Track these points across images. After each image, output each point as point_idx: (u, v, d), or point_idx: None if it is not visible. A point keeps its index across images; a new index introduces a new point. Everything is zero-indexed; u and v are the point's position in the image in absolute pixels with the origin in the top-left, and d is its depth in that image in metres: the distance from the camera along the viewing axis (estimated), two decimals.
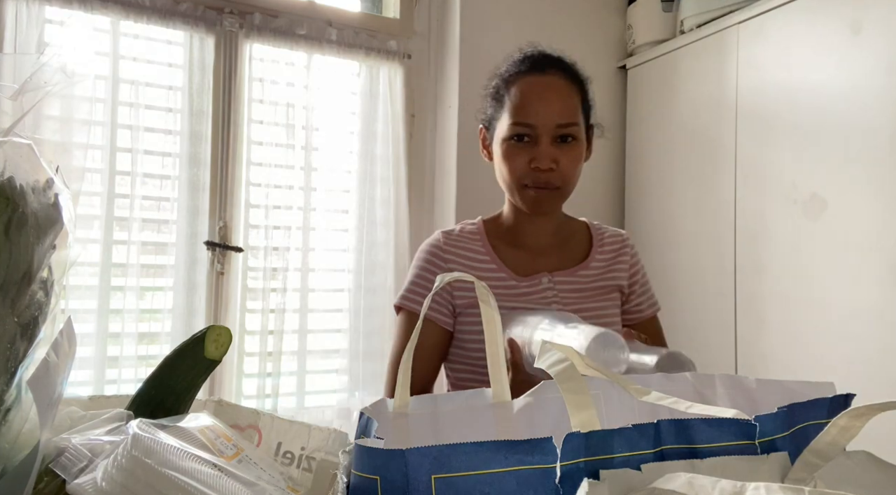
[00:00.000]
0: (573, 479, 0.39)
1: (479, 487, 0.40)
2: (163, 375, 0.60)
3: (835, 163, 1.71)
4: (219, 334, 0.60)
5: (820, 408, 0.48)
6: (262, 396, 2.04)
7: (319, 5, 2.18)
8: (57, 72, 0.51)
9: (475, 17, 2.23)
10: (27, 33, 1.75)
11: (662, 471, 0.40)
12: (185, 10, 1.96)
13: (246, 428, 0.64)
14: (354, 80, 2.24)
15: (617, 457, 0.41)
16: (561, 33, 2.34)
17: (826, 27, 1.74)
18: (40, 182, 0.49)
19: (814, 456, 0.44)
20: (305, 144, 2.12)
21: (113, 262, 1.87)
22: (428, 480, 0.40)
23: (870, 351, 1.60)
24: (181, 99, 1.98)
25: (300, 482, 0.60)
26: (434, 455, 0.40)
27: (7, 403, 0.45)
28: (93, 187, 1.84)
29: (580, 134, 1.07)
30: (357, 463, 0.43)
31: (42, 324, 0.49)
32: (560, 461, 0.40)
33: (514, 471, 0.40)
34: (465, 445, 0.40)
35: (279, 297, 2.06)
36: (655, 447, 0.42)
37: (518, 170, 1.06)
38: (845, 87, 1.69)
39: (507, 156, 1.07)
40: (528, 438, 0.40)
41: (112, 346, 1.86)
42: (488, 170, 1.16)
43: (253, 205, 2.07)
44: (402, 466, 0.40)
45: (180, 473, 0.42)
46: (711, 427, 0.44)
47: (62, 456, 0.44)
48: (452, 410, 0.63)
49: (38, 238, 0.47)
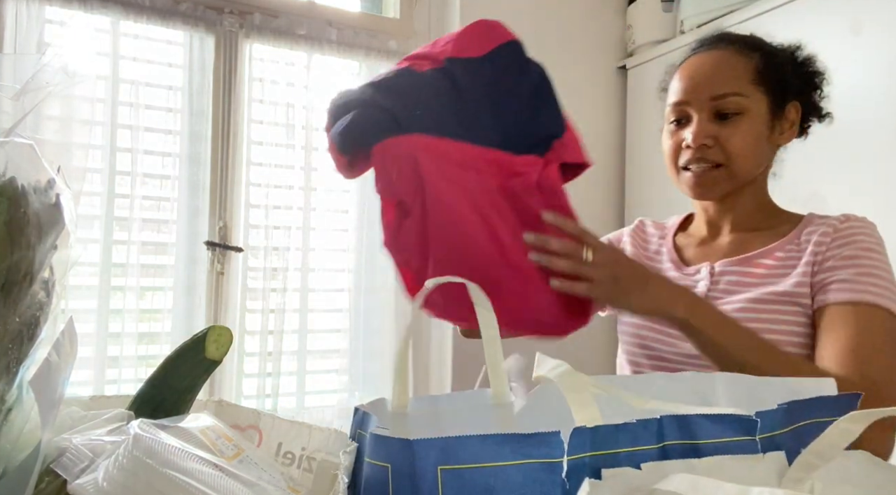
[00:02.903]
0: (579, 473, 0.39)
1: (484, 479, 0.40)
2: (163, 375, 0.61)
3: (835, 163, 1.71)
4: (219, 334, 0.60)
5: (824, 407, 0.48)
6: (262, 396, 2.04)
7: (319, 5, 2.18)
8: (58, 72, 0.51)
9: (475, 17, 2.21)
10: (27, 33, 1.75)
11: (662, 470, 0.41)
12: (185, 10, 1.96)
13: (246, 428, 0.64)
14: (354, 80, 2.24)
15: (622, 452, 0.41)
16: (561, 33, 2.34)
17: (826, 27, 1.74)
18: (42, 182, 0.49)
19: (813, 456, 0.44)
20: (305, 144, 2.12)
21: (113, 262, 1.87)
22: (434, 471, 0.40)
23: None
24: (181, 99, 1.98)
25: (301, 482, 0.60)
26: (441, 446, 0.40)
27: (8, 403, 0.46)
28: (93, 187, 1.84)
29: (748, 106, 0.95)
30: (370, 450, 0.43)
31: (43, 324, 0.49)
32: (567, 455, 0.40)
33: (520, 465, 0.40)
34: (472, 437, 0.40)
35: (279, 297, 2.06)
36: (659, 442, 0.43)
37: (674, 153, 0.99)
38: (845, 87, 1.69)
39: (665, 141, 1.01)
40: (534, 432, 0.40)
41: (112, 346, 1.86)
42: None
43: (253, 205, 2.07)
44: (409, 456, 0.41)
45: (181, 473, 0.42)
46: (713, 422, 0.44)
47: (63, 457, 0.44)
48: (452, 410, 0.63)
49: (40, 238, 0.47)
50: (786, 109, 0.99)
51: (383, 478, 0.42)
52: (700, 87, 0.96)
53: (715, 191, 1.00)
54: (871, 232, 0.94)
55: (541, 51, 0.99)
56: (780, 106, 0.98)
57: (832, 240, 0.93)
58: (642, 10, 2.38)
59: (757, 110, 0.96)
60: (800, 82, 1.01)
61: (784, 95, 0.99)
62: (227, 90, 2.03)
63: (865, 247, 0.91)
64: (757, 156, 0.98)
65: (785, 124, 1.00)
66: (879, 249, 0.92)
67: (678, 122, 1.00)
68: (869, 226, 0.95)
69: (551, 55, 1.12)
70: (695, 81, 0.97)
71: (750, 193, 1.03)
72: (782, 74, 0.99)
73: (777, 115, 0.98)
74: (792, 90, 0.99)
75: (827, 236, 0.93)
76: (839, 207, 1.73)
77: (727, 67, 0.97)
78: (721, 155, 0.96)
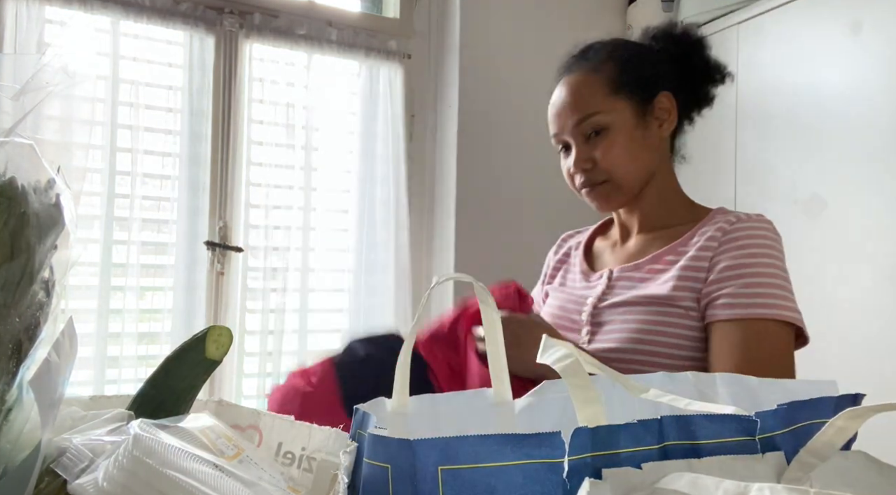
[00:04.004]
0: (580, 474, 0.39)
1: (485, 480, 0.40)
2: (164, 375, 0.60)
3: (835, 163, 1.71)
4: (219, 334, 0.60)
5: (825, 408, 0.48)
6: (262, 396, 2.04)
7: (319, 5, 2.18)
8: (58, 72, 0.51)
9: (475, 17, 2.23)
10: (27, 33, 1.75)
11: (662, 470, 0.41)
12: (185, 10, 1.96)
13: (246, 428, 0.64)
14: (354, 80, 2.24)
15: (623, 453, 0.41)
16: (561, 33, 2.34)
17: (826, 27, 1.74)
18: (42, 182, 0.49)
19: (810, 455, 0.44)
20: (305, 144, 2.12)
21: (113, 262, 1.87)
22: (435, 471, 0.40)
23: (870, 350, 1.60)
24: (181, 99, 1.98)
25: (301, 482, 0.60)
26: (441, 446, 0.40)
27: (8, 403, 0.46)
28: (93, 187, 1.84)
29: (611, 120, 0.98)
30: (369, 451, 0.43)
31: (43, 324, 0.49)
32: (568, 455, 0.40)
33: (521, 465, 0.40)
34: (473, 437, 0.40)
35: (279, 297, 2.06)
36: (659, 443, 0.43)
37: (568, 178, 1.05)
38: (845, 87, 1.69)
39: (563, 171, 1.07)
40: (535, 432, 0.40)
41: (112, 346, 1.86)
42: (488, 170, 1.16)
43: (253, 205, 2.07)
44: (409, 456, 0.41)
45: (181, 473, 0.42)
46: (713, 423, 0.44)
47: (63, 457, 0.44)
48: (452, 410, 0.63)
49: (40, 238, 0.47)
50: (654, 103, 1.01)
51: (383, 479, 0.42)
52: (563, 118, 1.01)
53: (612, 204, 1.04)
54: (764, 233, 0.93)
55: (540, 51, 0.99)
56: (648, 102, 1.00)
57: (719, 244, 0.93)
58: (642, 10, 2.38)
59: (621, 120, 0.98)
60: (665, 71, 1.02)
61: (649, 91, 1.01)
62: (227, 90, 2.03)
63: (752, 254, 0.91)
64: (637, 160, 1.00)
65: (661, 116, 1.01)
66: (770, 251, 0.92)
67: (565, 148, 1.04)
68: (761, 225, 0.94)
69: (551, 55, 1.12)
70: (559, 112, 1.02)
71: (653, 190, 1.04)
72: (640, 73, 1.01)
73: (647, 113, 1.00)
74: (657, 82, 1.01)
75: (714, 240, 0.94)
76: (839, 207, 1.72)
77: (580, 91, 1.00)
78: (601, 173, 0.99)
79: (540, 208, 2.24)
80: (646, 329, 0.93)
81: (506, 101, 2.27)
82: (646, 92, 1.00)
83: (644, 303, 0.95)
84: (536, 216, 2.24)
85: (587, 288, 1.07)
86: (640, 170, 1.01)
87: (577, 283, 1.11)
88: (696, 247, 0.95)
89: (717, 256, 0.92)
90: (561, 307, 1.08)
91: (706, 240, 0.94)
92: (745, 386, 0.62)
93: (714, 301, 0.90)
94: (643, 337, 0.93)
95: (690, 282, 0.93)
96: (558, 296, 1.12)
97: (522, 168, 2.25)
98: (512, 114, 2.27)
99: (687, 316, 0.92)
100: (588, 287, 1.07)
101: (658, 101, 1.01)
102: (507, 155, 2.25)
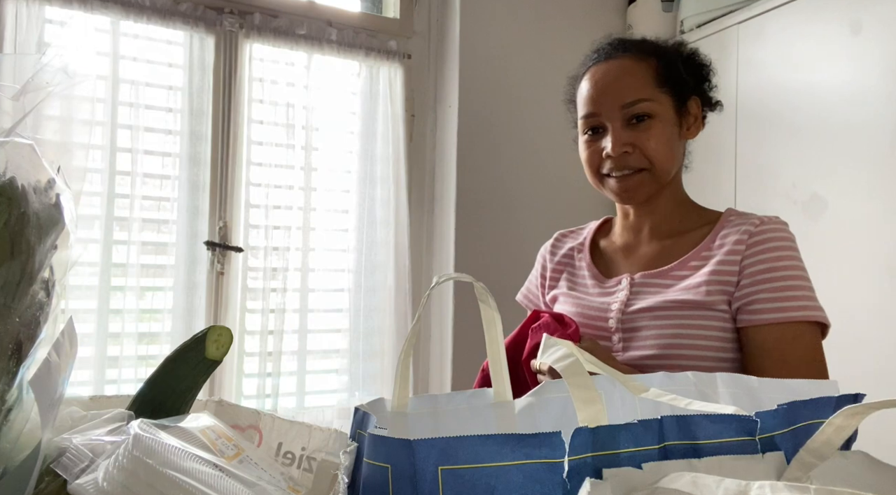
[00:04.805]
0: (580, 474, 0.39)
1: (485, 480, 0.40)
2: (164, 375, 0.60)
3: (835, 163, 1.71)
4: (219, 334, 0.60)
5: (826, 408, 0.48)
6: (262, 396, 2.04)
7: (319, 5, 2.18)
8: (58, 72, 0.51)
9: (475, 17, 2.23)
10: (27, 33, 1.75)
11: (663, 470, 0.41)
12: (185, 10, 1.96)
13: (246, 428, 0.64)
14: (354, 80, 2.24)
15: (623, 453, 0.41)
16: (561, 33, 2.34)
17: (826, 27, 1.74)
18: (42, 182, 0.49)
19: (809, 455, 0.44)
20: (305, 144, 2.12)
21: (113, 262, 1.87)
22: (435, 471, 0.40)
23: (869, 350, 1.60)
24: (181, 99, 1.98)
25: (301, 482, 0.60)
26: (441, 447, 0.40)
27: (9, 403, 0.45)
28: (93, 187, 1.85)
29: (657, 109, 0.98)
30: (369, 451, 0.43)
31: (43, 324, 0.49)
32: (568, 456, 0.40)
33: (521, 465, 0.40)
34: (472, 438, 0.40)
35: (279, 297, 2.06)
36: (660, 443, 0.43)
37: (594, 163, 1.02)
38: (845, 87, 1.69)
39: (583, 152, 1.04)
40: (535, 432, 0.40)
41: (112, 346, 1.86)
42: (488, 170, 1.16)
43: (253, 205, 2.07)
44: (409, 456, 0.41)
45: (181, 473, 0.42)
46: (713, 423, 0.44)
47: (63, 457, 0.44)
48: (453, 410, 0.63)
49: (40, 238, 0.47)
50: (688, 106, 1.03)
51: (383, 479, 0.42)
52: (609, 97, 0.99)
53: (640, 195, 1.02)
54: (785, 234, 0.96)
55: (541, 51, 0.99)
56: (683, 103, 1.02)
57: (747, 247, 0.95)
58: (642, 10, 2.38)
59: (665, 112, 0.99)
60: (693, 77, 1.04)
61: (684, 93, 1.02)
62: (227, 90, 2.03)
63: (779, 257, 0.94)
64: (674, 155, 1.01)
65: (690, 120, 1.04)
66: (793, 253, 0.95)
67: (593, 131, 1.02)
68: (782, 227, 0.97)
69: (551, 55, 1.12)
70: (603, 92, 1.00)
71: (669, 192, 1.05)
72: (678, 73, 1.02)
73: (682, 113, 1.02)
74: (688, 86, 1.03)
75: (741, 243, 0.95)
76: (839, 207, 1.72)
77: (631, 74, 1.00)
78: (642, 160, 0.98)
79: (540, 208, 2.24)
80: (684, 333, 0.94)
81: (506, 101, 2.27)
82: (682, 93, 1.02)
83: (677, 308, 0.95)
84: (536, 216, 2.24)
85: (604, 294, 1.05)
86: (674, 165, 1.02)
87: (590, 289, 1.09)
88: (722, 251, 0.96)
89: (746, 260, 0.94)
90: (581, 314, 1.05)
91: (733, 244, 0.96)
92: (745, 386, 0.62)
93: (748, 305, 0.92)
94: (682, 341, 0.93)
95: (722, 285, 0.94)
96: (572, 302, 1.09)
97: (522, 168, 2.25)
98: (512, 114, 2.27)
99: (721, 319, 0.94)
100: (605, 293, 1.05)
101: (690, 105, 1.03)
102: (507, 155, 2.25)
